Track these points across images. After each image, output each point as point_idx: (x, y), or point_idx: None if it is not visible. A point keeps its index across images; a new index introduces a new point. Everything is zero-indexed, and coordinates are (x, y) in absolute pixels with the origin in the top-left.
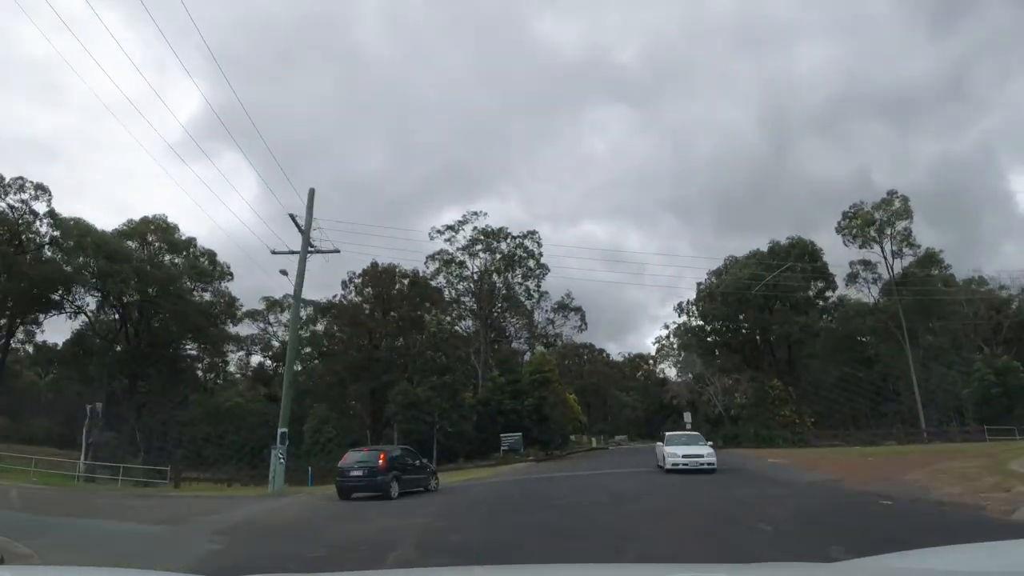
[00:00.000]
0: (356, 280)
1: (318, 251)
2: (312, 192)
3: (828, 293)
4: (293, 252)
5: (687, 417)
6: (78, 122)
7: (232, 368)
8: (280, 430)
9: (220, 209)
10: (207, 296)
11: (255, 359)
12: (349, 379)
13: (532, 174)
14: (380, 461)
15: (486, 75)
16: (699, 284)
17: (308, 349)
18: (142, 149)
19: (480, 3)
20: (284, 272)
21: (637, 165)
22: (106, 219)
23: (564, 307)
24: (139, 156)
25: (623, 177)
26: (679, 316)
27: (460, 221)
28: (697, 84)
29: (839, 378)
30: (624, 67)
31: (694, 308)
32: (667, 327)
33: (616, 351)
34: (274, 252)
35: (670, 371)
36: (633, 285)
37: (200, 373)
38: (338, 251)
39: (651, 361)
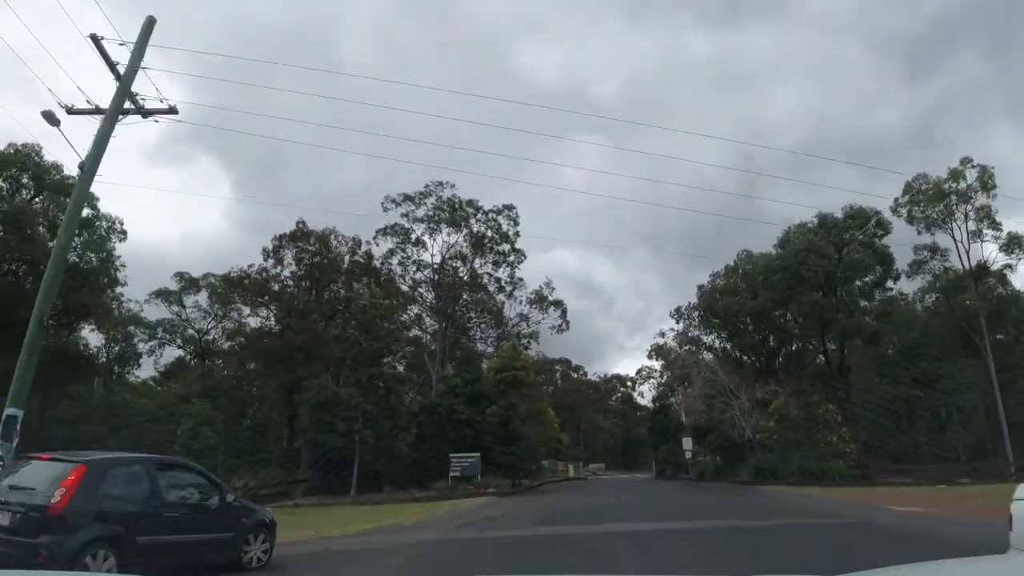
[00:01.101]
0: (279, 245)
1: (142, 111)
2: (150, 22)
3: (889, 285)
4: (99, 111)
5: (687, 444)
6: None
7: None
8: (7, 411)
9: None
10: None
11: (173, 352)
12: (261, 372)
13: (508, 199)
14: (57, 495)
15: (467, 99)
16: (700, 287)
17: (221, 336)
18: None
19: (464, 28)
20: (81, 166)
21: (611, 197)
22: None
23: (542, 299)
24: None
25: (597, 207)
26: (676, 323)
27: (422, 193)
28: (673, 121)
29: (893, 396)
30: (603, 100)
31: (695, 315)
32: (663, 334)
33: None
34: (70, 111)
35: (650, 393)
36: (601, 316)
37: (108, 363)
38: (175, 111)
39: (629, 383)
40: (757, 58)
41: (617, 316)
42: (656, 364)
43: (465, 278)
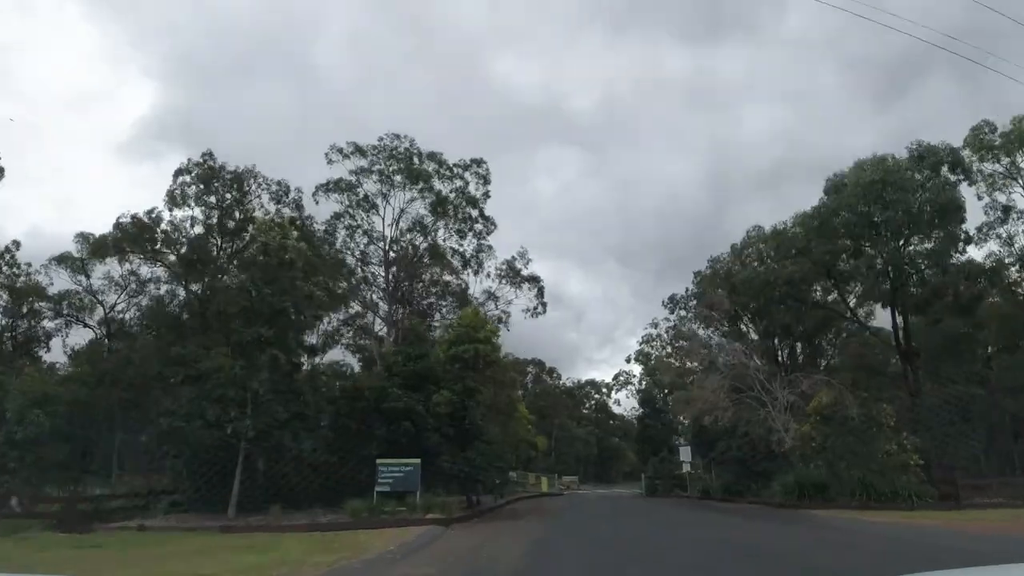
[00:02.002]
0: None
1: None
2: None
3: (953, 253)
4: None
5: (686, 455)
6: None
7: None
8: None
9: None
10: None
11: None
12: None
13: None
14: None
15: (442, 106)
16: (698, 274)
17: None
18: None
19: (442, 35)
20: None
21: (584, 209)
22: None
23: (514, 272)
24: None
25: (570, 219)
26: (670, 313)
27: (376, 147)
28: (648, 137)
29: (965, 393)
30: (579, 113)
31: (692, 304)
32: (655, 325)
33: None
34: None
35: (628, 400)
36: (570, 328)
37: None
38: None
39: (605, 389)
40: (731, 77)
41: (587, 328)
42: (636, 369)
43: (425, 257)
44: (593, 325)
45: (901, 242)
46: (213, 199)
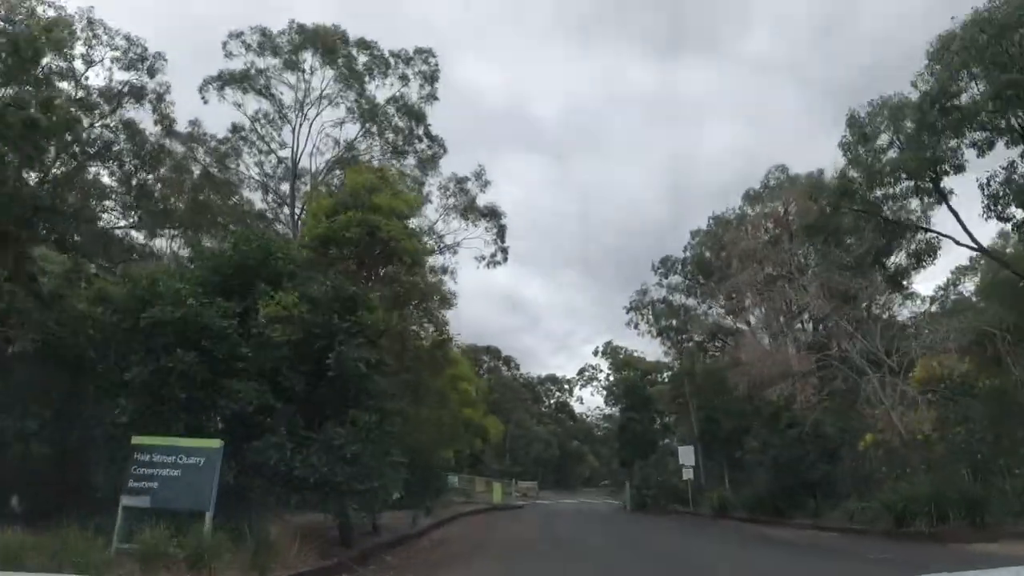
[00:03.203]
0: None
1: None
2: None
3: None
4: None
5: (685, 456)
6: None
7: None
8: None
9: None
10: None
11: None
12: None
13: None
14: None
15: None
16: (694, 234)
17: None
18: None
19: (406, 33)
20: None
21: (545, 216)
22: None
23: (465, 196)
24: None
25: (530, 225)
26: (664, 278)
27: (283, 31)
28: (610, 148)
29: None
30: (542, 120)
31: (688, 267)
32: (644, 292)
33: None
34: None
35: (594, 399)
36: (527, 333)
37: None
38: None
39: (567, 386)
40: (693, 92)
41: (543, 334)
42: (604, 363)
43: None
44: (550, 331)
45: None
46: None
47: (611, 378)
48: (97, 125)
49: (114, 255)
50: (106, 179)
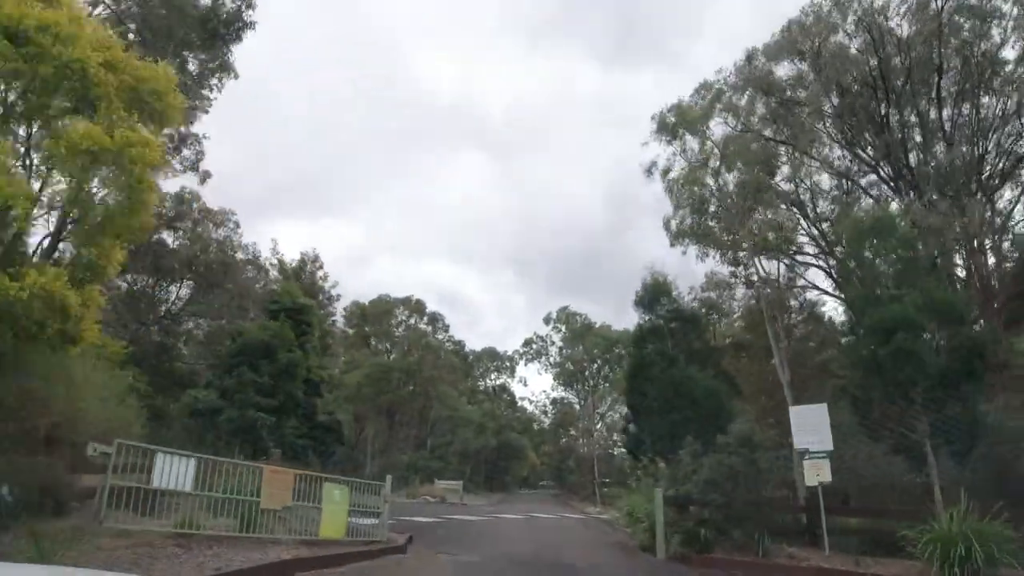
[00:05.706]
0: None
1: None
2: None
3: None
4: None
5: (820, 434)
6: None
7: None
8: None
9: None
10: None
11: None
12: None
13: (384, 202)
14: None
15: (353, 95)
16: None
17: None
18: None
19: (359, 25)
20: None
21: (487, 214)
22: None
23: None
24: None
25: (471, 223)
26: (679, 147)
27: None
28: (553, 151)
29: None
30: (488, 119)
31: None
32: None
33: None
34: None
35: (543, 379)
36: (465, 332)
37: None
38: None
39: (508, 364)
40: (639, 100)
41: (483, 334)
42: (556, 336)
43: None
44: (488, 332)
45: None
46: None
47: (564, 352)
48: None
49: None
50: None
